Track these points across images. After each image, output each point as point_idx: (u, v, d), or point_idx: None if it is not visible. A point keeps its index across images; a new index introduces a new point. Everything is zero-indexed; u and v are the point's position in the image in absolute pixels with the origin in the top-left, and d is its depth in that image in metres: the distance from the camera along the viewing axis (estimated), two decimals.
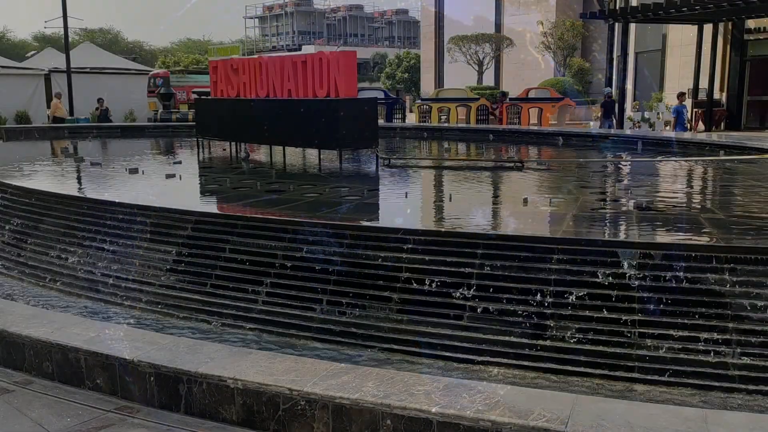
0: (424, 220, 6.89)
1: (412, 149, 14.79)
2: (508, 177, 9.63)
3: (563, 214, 6.32)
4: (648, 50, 29.40)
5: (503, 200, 7.91)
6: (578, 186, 8.66)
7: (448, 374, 4.17)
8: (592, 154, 12.59)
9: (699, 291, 4.35)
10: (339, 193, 7.87)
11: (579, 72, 34.24)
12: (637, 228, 5.94)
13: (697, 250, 4.58)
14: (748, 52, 23.90)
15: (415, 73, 49.61)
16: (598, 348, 4.29)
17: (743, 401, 3.85)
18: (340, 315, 4.93)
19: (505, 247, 4.93)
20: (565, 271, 4.65)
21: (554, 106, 25.57)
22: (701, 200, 8.14)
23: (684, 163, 10.92)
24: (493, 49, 35.56)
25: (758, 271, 4.34)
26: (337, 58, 9.70)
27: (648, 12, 21.54)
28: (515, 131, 16.98)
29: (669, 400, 3.84)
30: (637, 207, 6.40)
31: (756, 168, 9.71)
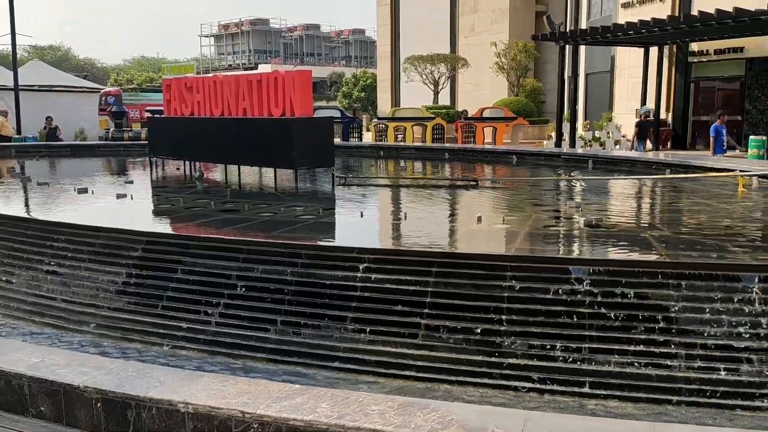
0: (379, 238, 6.91)
1: (368, 168, 14.84)
2: (463, 195, 9.73)
3: (516, 232, 6.41)
4: (598, 71, 30.24)
5: (458, 218, 8.00)
6: (531, 204, 8.81)
7: (404, 393, 4.17)
8: (546, 173, 12.84)
9: (646, 306, 4.46)
10: (294, 212, 7.83)
11: (532, 92, 34.96)
12: (587, 245, 6.06)
13: (644, 267, 4.70)
14: (692, 74, 24.82)
15: (372, 93, 49.94)
16: (551, 364, 4.35)
17: (689, 413, 3.94)
18: (295, 335, 4.89)
19: (459, 265, 4.97)
20: (518, 288, 4.71)
21: (508, 125, 26.03)
22: (649, 217, 8.37)
23: (633, 181, 11.23)
24: (448, 69, 36.06)
25: (702, 286, 4.47)
26: (292, 77, 9.71)
27: (596, 35, 22.21)
28: (470, 150, 17.21)
29: (619, 414, 3.91)
30: (588, 224, 6.54)
31: (700, 186, 10.05)
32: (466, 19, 40.72)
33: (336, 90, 58.17)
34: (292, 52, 78.94)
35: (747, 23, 18.59)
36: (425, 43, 39.37)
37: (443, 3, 41.97)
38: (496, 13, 39.02)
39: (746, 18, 17.84)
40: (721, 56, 23.57)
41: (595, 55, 29.73)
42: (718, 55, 23.64)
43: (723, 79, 24.23)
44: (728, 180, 9.99)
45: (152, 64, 79.82)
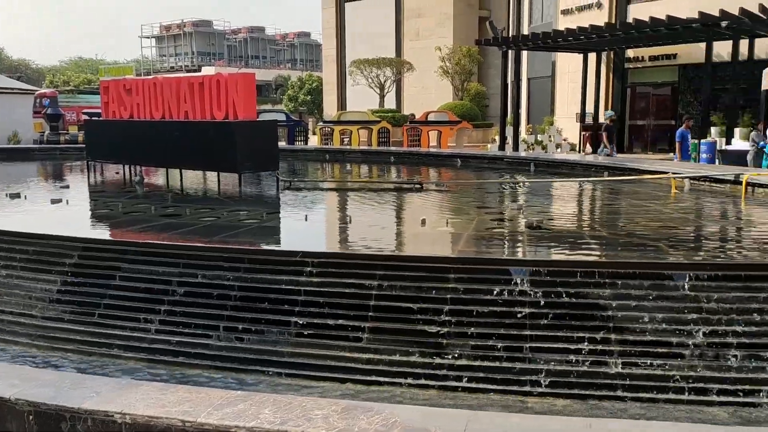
0: (323, 242, 6.89)
1: (313, 172, 14.78)
2: (408, 198, 9.80)
3: (460, 234, 6.49)
4: (539, 76, 30.94)
5: (402, 222, 8.04)
6: (474, 206, 8.94)
7: (348, 397, 4.16)
8: (489, 176, 13.04)
9: (584, 305, 4.58)
10: (237, 216, 7.73)
11: (476, 96, 35.49)
12: (528, 246, 6.19)
13: (582, 267, 4.83)
14: (629, 80, 25.65)
15: (318, 96, 49.80)
16: (493, 364, 4.42)
17: (625, 408, 4.06)
18: (238, 341, 4.83)
19: (403, 268, 5.00)
20: (461, 289, 4.77)
21: (453, 128, 26.34)
22: (587, 219, 8.61)
23: (573, 183, 11.52)
24: (394, 73, 36.27)
25: (636, 284, 4.61)
26: (235, 80, 9.59)
27: (537, 40, 22.73)
28: (415, 153, 17.33)
29: (559, 412, 4.00)
30: (529, 226, 6.68)
31: (636, 188, 10.38)
32: (411, 23, 41.05)
33: (282, 93, 57.74)
34: (237, 55, 77.93)
35: (679, 31, 19.35)
36: (371, 46, 39.52)
37: (388, 7, 42.20)
38: (441, 18, 39.48)
39: (678, 26, 18.56)
40: (655, 63, 24.45)
41: (536, 61, 30.41)
42: (653, 62, 24.51)
43: (657, 84, 25.14)
44: (662, 182, 10.36)
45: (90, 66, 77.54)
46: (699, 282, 4.56)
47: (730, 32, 18.48)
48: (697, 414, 3.93)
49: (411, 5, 40.88)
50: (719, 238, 6.90)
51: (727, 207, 8.77)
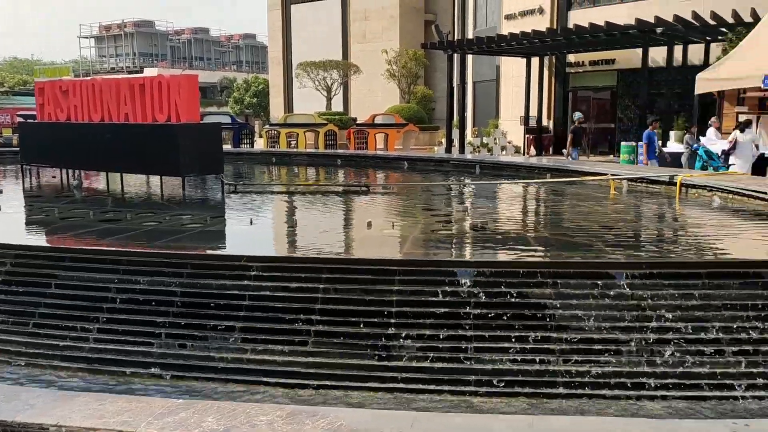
0: (268, 246, 6.82)
1: (259, 175, 14.62)
2: (355, 201, 9.80)
3: (405, 236, 6.53)
4: (485, 80, 31.38)
5: (348, 224, 8.03)
6: (420, 209, 9.00)
7: (295, 401, 4.13)
8: (436, 178, 13.15)
9: (527, 305, 4.66)
10: (180, 221, 7.58)
11: (423, 99, 35.75)
12: (472, 248, 6.26)
13: (525, 267, 4.92)
14: (570, 84, 26.28)
15: (264, 98, 49.28)
16: (439, 365, 4.45)
17: (567, 405, 4.15)
18: (181, 348, 4.73)
19: (348, 271, 5.00)
20: (407, 291, 4.79)
21: (399, 131, 26.47)
22: (530, 220, 8.77)
23: (517, 185, 11.73)
24: (340, 76, 36.23)
25: (577, 284, 4.73)
26: (177, 81, 9.40)
27: (482, 44, 23.07)
28: (362, 156, 17.34)
29: (502, 410, 4.05)
30: (473, 228, 6.76)
31: (577, 189, 10.64)
32: (357, 26, 41.09)
33: (227, 95, 56.92)
34: (180, 56, 76.47)
35: (617, 37, 19.93)
36: (318, 49, 39.38)
37: (334, 10, 42.15)
38: (387, 21, 39.65)
39: (616, 32, 19.12)
40: (595, 67, 25.11)
41: (482, 64, 30.84)
42: (593, 66, 25.17)
43: (597, 88, 25.81)
44: (602, 183, 10.64)
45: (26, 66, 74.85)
46: (636, 280, 4.70)
47: (665, 38, 19.15)
48: (634, 408, 4.04)
49: (357, 8, 40.93)
50: (655, 237, 7.13)
51: (662, 207, 9.07)
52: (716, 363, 4.32)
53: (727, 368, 4.29)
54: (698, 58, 20.94)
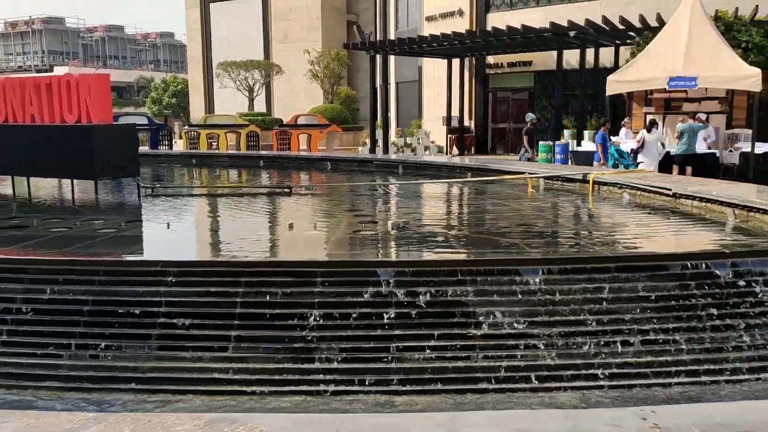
0: (186, 250, 6.63)
1: (179, 177, 14.24)
2: (277, 203, 9.67)
3: (328, 238, 6.50)
4: (407, 81, 31.70)
5: (270, 226, 7.92)
6: (344, 209, 8.98)
7: (215, 409, 4.03)
8: (359, 178, 13.16)
9: (447, 303, 4.73)
10: (92, 226, 7.27)
11: (347, 100, 35.74)
12: (394, 247, 6.30)
13: (445, 266, 4.98)
14: (490, 85, 26.90)
15: (184, 99, 48.03)
16: (362, 365, 4.45)
17: (487, 400, 4.23)
18: (93, 359, 4.53)
19: (269, 273, 4.92)
20: (329, 293, 4.77)
21: (322, 132, 26.36)
22: (450, 219, 8.91)
23: (440, 184, 11.89)
24: (263, 76, 35.74)
25: (495, 280, 4.83)
26: (87, 81, 9.01)
27: (404, 45, 23.28)
28: (285, 157, 17.18)
29: (425, 408, 4.09)
30: (395, 228, 6.80)
31: (497, 188, 10.90)
32: (279, 25, 40.65)
33: (144, 95, 55.14)
34: (93, 54, 73.48)
35: (533, 39, 20.55)
36: (239, 48, 38.70)
37: (255, 9, 41.55)
38: (309, 21, 39.43)
39: (532, 35, 19.71)
40: (513, 69, 25.80)
41: (404, 65, 31.14)
42: (511, 68, 25.85)
43: (516, 90, 26.53)
44: (520, 182, 10.94)
45: None
46: (551, 275, 4.85)
47: (577, 42, 19.89)
48: (549, 400, 4.17)
49: (279, 7, 40.50)
50: (569, 233, 7.39)
51: (576, 204, 9.41)
52: (626, 353, 4.51)
53: (637, 357, 4.49)
54: (609, 60, 21.88)
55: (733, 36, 15.78)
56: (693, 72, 13.76)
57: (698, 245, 6.24)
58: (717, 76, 13.74)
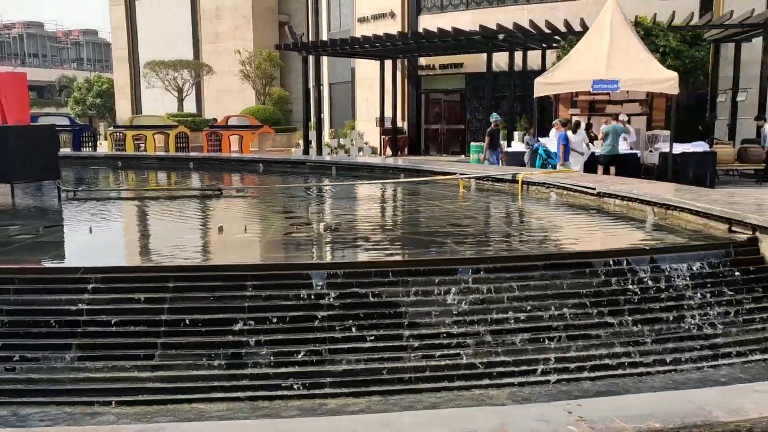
0: (110, 256, 6.38)
1: (103, 180, 13.73)
2: (206, 205, 9.46)
3: (259, 241, 6.40)
4: (340, 82, 31.66)
5: (199, 230, 7.73)
6: (275, 212, 8.87)
7: (140, 420, 3.89)
8: (292, 180, 13.04)
9: (379, 304, 4.73)
10: (7, 232, 6.91)
11: (280, 100, 35.40)
12: (326, 249, 6.26)
13: (377, 267, 4.98)
14: (422, 86, 27.18)
15: (109, 99, 46.48)
16: (294, 369, 4.39)
17: (421, 399, 4.25)
18: (8, 372, 4.30)
19: (197, 278, 4.80)
20: (260, 297, 4.69)
21: (254, 133, 26.01)
22: (383, 220, 8.94)
23: (373, 185, 11.91)
24: (192, 76, 34.98)
25: (426, 281, 4.86)
26: (2, 80, 8.59)
27: (336, 47, 23.24)
28: (216, 159, 16.85)
29: (358, 411, 4.08)
30: (327, 229, 6.76)
31: (429, 188, 11.00)
32: (208, 25, 39.89)
33: (67, 95, 53.03)
34: (11, 52, 70.13)
35: (463, 42, 20.89)
36: (167, 47, 37.75)
37: (183, 8, 40.62)
38: (240, 20, 38.84)
39: (462, 37, 20.03)
40: (445, 71, 26.16)
41: (337, 66, 31.08)
42: (443, 70, 26.20)
43: (448, 91, 26.91)
44: (452, 182, 11.07)
45: None
46: (481, 275, 4.92)
47: (506, 44, 20.35)
48: (482, 398, 4.23)
49: (208, 6, 39.73)
50: (499, 233, 7.53)
51: (506, 204, 9.60)
52: (554, 348, 4.62)
53: (564, 353, 4.61)
54: (536, 63, 22.47)
55: (651, 41, 16.49)
56: (615, 75, 14.30)
57: (620, 243, 6.47)
58: (637, 80, 14.32)
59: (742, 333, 4.93)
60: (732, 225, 5.82)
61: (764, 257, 5.38)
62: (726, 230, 5.88)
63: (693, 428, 3.02)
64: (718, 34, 19.50)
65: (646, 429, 3.06)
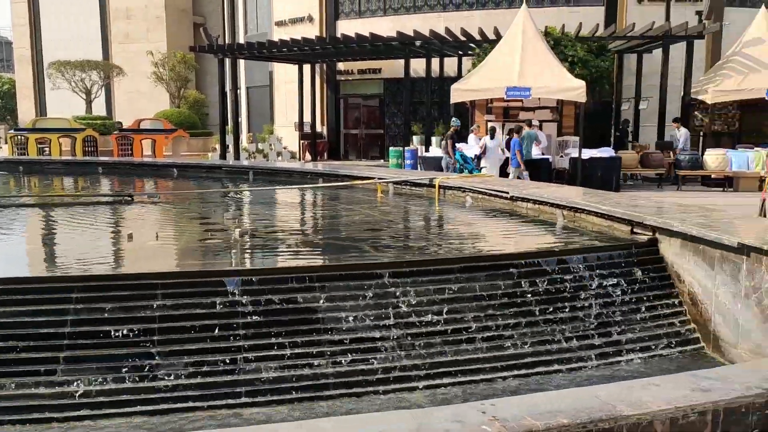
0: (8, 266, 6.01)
1: (2, 186, 12.96)
2: (116, 212, 9.08)
3: (171, 248, 6.20)
4: (258, 85, 31.23)
5: (107, 237, 7.39)
6: (189, 218, 8.62)
7: None
8: (208, 185, 12.73)
9: (297, 310, 4.67)
10: None
11: (195, 104, 34.54)
12: (241, 256, 6.13)
13: (293, 272, 4.92)
14: (341, 91, 27.20)
15: (11, 100, 44.00)
16: (207, 379, 4.27)
17: (339, 405, 4.22)
18: None
19: (104, 288, 4.59)
20: (171, 305, 4.53)
21: (168, 137, 25.25)
22: (301, 225, 8.86)
23: (291, 190, 11.78)
24: (101, 78, 33.60)
25: (343, 286, 4.84)
26: None
27: (254, 50, 22.91)
28: (127, 163, 16.24)
29: (272, 419, 4.01)
30: (243, 235, 6.63)
31: (348, 193, 11.00)
32: (119, 25, 38.47)
33: None
34: None
35: (381, 48, 21.05)
36: (75, 47, 36.14)
37: (92, 6, 39.00)
38: (152, 21, 37.68)
39: (380, 43, 20.18)
40: (363, 76, 26.29)
41: (254, 70, 30.65)
42: (361, 75, 26.32)
43: (366, 96, 27.05)
44: (371, 187, 11.11)
45: None
46: (397, 278, 4.94)
47: (423, 51, 20.66)
48: (399, 401, 4.24)
49: (118, 6, 38.31)
50: (416, 236, 7.60)
51: (423, 208, 9.72)
52: (470, 350, 4.70)
53: (480, 353, 4.70)
54: (453, 70, 22.93)
55: (561, 50, 17.16)
56: (527, 83, 14.78)
57: (532, 245, 6.66)
58: (548, 87, 14.86)
59: (644, 329, 5.18)
60: (634, 227, 6.10)
61: (663, 257, 5.68)
62: (629, 232, 6.16)
63: (599, 423, 3.13)
64: (621, 45, 20.54)
65: (555, 425, 3.15)
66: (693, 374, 3.51)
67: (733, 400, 3.30)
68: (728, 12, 20.84)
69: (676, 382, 3.37)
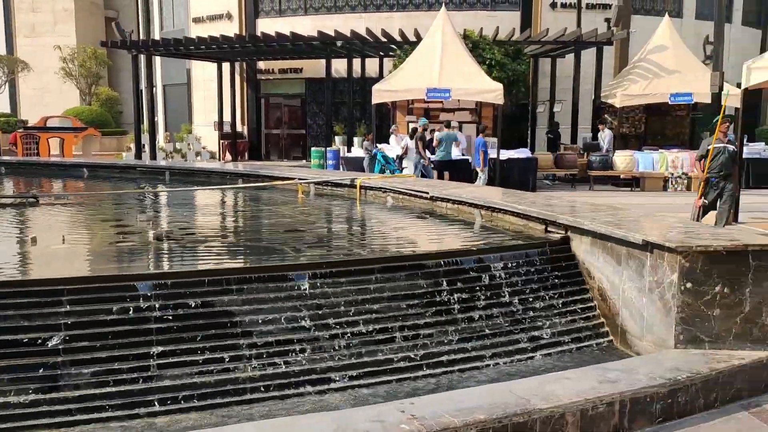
0: None
1: None
2: (19, 214, 8.58)
3: (79, 251, 5.92)
4: (175, 83, 30.34)
5: (8, 242, 6.96)
6: (99, 220, 8.27)
7: None
8: (121, 186, 12.25)
9: (213, 314, 4.55)
10: None
11: (108, 101, 33.22)
12: (154, 259, 5.93)
13: (209, 275, 4.78)
14: (262, 91, 26.82)
15: None
16: (118, 388, 4.10)
17: (259, 410, 4.14)
18: None
19: (3, 295, 4.32)
20: (78, 312, 4.32)
21: (77, 136, 24.16)
22: (219, 226, 8.66)
23: (210, 191, 11.51)
24: (5, 73, 31.80)
25: (262, 288, 4.76)
26: None
27: (170, 47, 22.25)
28: (33, 163, 15.42)
29: (189, 427, 3.89)
30: (158, 237, 6.41)
31: (269, 194, 10.84)
32: (24, 17, 36.52)
33: None
34: None
35: (302, 47, 20.89)
36: None
37: None
38: (60, 14, 35.98)
39: (301, 42, 20.02)
40: (284, 75, 26.03)
41: (171, 67, 29.76)
42: (282, 74, 26.05)
43: (288, 96, 26.80)
44: (291, 187, 10.99)
45: None
46: (318, 280, 4.90)
47: (345, 51, 20.65)
48: (320, 403, 4.21)
49: None
50: (337, 237, 7.58)
51: (344, 209, 9.71)
52: (391, 349, 4.72)
53: (401, 353, 4.72)
54: (374, 70, 23.05)
55: (479, 53, 17.55)
56: (447, 84, 15.03)
57: (450, 244, 6.76)
58: (467, 89, 15.16)
59: (557, 324, 5.35)
60: (548, 225, 6.30)
61: (575, 254, 5.89)
62: (543, 230, 6.35)
63: (513, 417, 3.21)
64: (536, 50, 21.21)
65: (472, 421, 3.20)
66: (601, 367, 3.66)
67: (638, 390, 3.45)
68: (635, 19, 21.93)
69: (585, 375, 3.49)
